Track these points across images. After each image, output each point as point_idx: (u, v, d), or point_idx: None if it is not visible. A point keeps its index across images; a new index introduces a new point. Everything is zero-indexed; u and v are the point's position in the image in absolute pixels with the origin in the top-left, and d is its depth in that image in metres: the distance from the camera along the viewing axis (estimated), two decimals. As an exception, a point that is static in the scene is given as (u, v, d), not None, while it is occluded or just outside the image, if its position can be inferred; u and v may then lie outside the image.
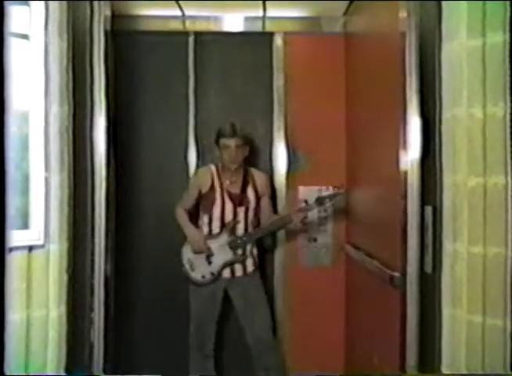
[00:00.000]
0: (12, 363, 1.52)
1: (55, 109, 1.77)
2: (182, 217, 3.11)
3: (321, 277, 3.47)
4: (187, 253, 3.08)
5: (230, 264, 3.06)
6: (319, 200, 3.02)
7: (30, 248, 1.69)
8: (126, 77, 3.26)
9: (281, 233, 3.43)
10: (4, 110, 1.14)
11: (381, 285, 2.31)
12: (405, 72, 1.98)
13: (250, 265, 3.11)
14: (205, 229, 3.09)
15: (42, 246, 1.71)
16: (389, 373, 2.24)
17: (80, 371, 2.03)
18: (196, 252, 3.05)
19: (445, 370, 1.74)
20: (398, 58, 2.03)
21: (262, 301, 3.12)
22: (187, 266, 3.08)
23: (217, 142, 3.03)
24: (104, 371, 2.16)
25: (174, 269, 3.18)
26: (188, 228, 3.09)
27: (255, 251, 3.15)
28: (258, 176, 3.17)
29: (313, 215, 3.37)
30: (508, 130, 1.58)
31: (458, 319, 1.67)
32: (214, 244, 3.04)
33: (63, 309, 1.79)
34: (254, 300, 3.10)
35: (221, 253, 3.03)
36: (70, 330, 1.85)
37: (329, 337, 3.45)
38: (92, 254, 2.16)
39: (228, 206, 3.05)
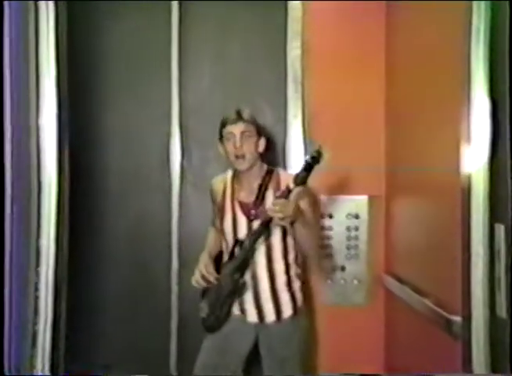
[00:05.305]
0: None
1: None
2: (208, 237, 3.15)
3: (351, 320, 3.44)
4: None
5: (229, 297, 2.89)
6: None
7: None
8: (89, 52, 3.33)
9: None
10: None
11: (435, 332, 2.31)
12: (470, 39, 1.94)
13: (286, 307, 2.90)
14: (225, 254, 2.98)
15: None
16: None
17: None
18: (197, 284, 2.91)
19: None
20: (460, 21, 2.00)
21: (295, 357, 2.92)
22: (200, 306, 2.97)
23: (220, 137, 2.93)
24: None
25: (143, 290, 3.40)
26: (203, 253, 3.01)
27: (297, 286, 2.94)
28: (285, 179, 2.88)
29: (339, 235, 3.34)
30: None
31: (542, 383, 1.63)
32: (222, 273, 2.90)
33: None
34: (284, 356, 2.92)
35: (226, 283, 2.88)
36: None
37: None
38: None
39: (241, 219, 2.90)
